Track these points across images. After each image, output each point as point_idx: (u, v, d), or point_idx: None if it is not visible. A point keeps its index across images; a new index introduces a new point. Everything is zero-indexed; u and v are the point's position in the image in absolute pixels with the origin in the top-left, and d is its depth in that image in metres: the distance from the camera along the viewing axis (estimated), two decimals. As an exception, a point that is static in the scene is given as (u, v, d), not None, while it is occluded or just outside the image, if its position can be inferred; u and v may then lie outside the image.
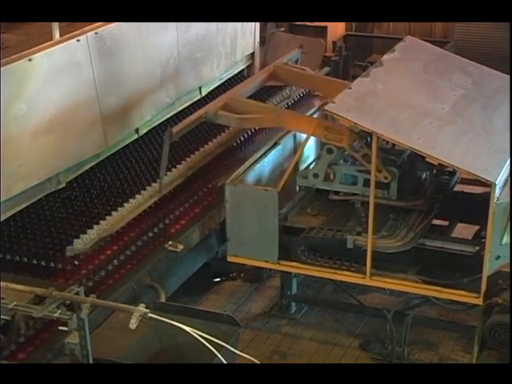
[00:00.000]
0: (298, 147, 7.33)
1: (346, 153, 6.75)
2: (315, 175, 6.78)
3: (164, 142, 6.94)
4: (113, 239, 6.41)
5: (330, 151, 6.70)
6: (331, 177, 6.74)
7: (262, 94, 8.74)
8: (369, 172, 6.48)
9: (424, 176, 7.06)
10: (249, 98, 7.82)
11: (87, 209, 6.68)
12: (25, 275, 5.93)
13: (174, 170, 7.28)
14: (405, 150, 6.86)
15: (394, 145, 6.97)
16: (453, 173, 7.29)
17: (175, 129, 7.02)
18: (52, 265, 5.97)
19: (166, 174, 7.04)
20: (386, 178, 6.53)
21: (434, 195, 6.91)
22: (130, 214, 6.64)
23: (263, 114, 7.24)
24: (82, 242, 6.14)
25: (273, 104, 8.68)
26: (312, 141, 7.27)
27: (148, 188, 6.95)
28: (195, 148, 7.72)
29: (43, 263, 5.99)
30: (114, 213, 6.54)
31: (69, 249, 6.03)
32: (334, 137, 6.62)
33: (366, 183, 6.59)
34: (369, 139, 6.83)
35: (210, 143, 7.84)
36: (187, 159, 7.51)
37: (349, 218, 6.90)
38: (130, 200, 6.75)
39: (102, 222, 6.42)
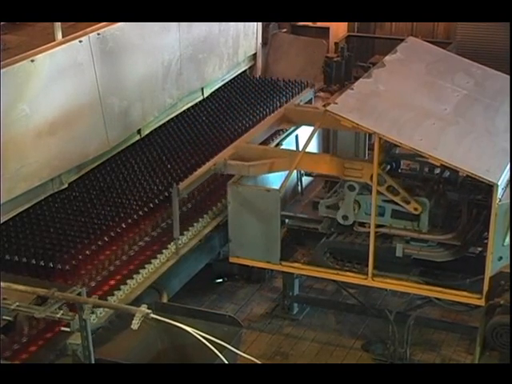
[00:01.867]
0: (300, 147, 7.31)
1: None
2: (344, 217, 6.51)
3: (172, 199, 6.48)
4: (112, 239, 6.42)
5: (351, 188, 6.45)
6: (356, 208, 6.49)
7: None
8: (396, 203, 6.31)
9: (456, 203, 6.72)
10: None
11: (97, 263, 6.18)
12: (24, 275, 5.91)
13: (190, 228, 6.81)
14: (433, 175, 6.82)
15: (421, 170, 6.93)
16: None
17: (182, 185, 6.60)
18: (51, 265, 5.97)
19: (181, 234, 6.62)
20: (415, 209, 6.29)
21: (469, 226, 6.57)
22: (147, 280, 6.24)
23: (276, 158, 6.80)
24: (96, 317, 5.72)
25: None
26: (314, 141, 7.27)
27: (164, 251, 6.49)
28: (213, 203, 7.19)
29: (42, 263, 5.98)
30: (129, 281, 6.10)
31: None
32: (353, 172, 6.40)
33: (394, 214, 6.38)
34: (394, 165, 6.74)
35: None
36: (204, 216, 7.01)
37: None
38: (146, 266, 6.29)
39: (116, 292, 5.96)
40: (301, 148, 7.00)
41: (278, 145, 7.74)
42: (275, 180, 7.03)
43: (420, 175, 6.93)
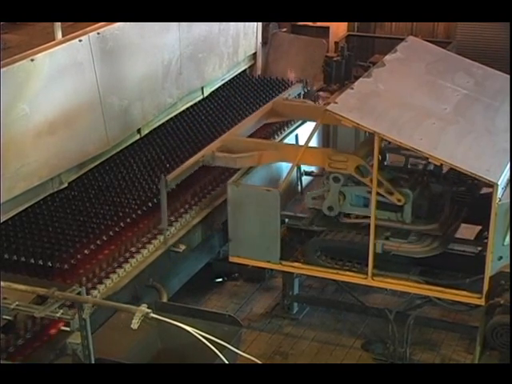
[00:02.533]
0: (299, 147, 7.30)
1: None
2: (330, 208, 6.57)
3: (160, 190, 6.53)
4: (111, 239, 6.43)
5: (336, 180, 6.49)
6: (341, 199, 6.53)
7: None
8: (381, 194, 6.34)
9: (440, 196, 6.74)
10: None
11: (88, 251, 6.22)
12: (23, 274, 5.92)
13: (179, 219, 6.85)
14: (417, 168, 6.82)
15: (406, 163, 6.94)
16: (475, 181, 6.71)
17: (170, 176, 6.63)
18: (50, 264, 5.97)
19: (169, 224, 6.66)
20: (399, 200, 6.34)
21: (452, 217, 6.63)
22: (135, 269, 6.26)
23: (264, 150, 6.90)
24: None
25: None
26: (314, 138, 7.25)
27: (153, 241, 6.53)
28: (202, 194, 7.25)
29: (41, 262, 5.98)
30: (118, 270, 6.15)
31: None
32: (338, 164, 6.44)
33: (379, 205, 6.39)
34: (380, 157, 6.75)
35: (217, 188, 7.33)
36: (194, 207, 7.05)
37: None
38: (135, 255, 6.33)
39: (104, 281, 6.01)
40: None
41: (278, 144, 7.72)
42: (275, 174, 7.12)
43: (405, 168, 6.95)
